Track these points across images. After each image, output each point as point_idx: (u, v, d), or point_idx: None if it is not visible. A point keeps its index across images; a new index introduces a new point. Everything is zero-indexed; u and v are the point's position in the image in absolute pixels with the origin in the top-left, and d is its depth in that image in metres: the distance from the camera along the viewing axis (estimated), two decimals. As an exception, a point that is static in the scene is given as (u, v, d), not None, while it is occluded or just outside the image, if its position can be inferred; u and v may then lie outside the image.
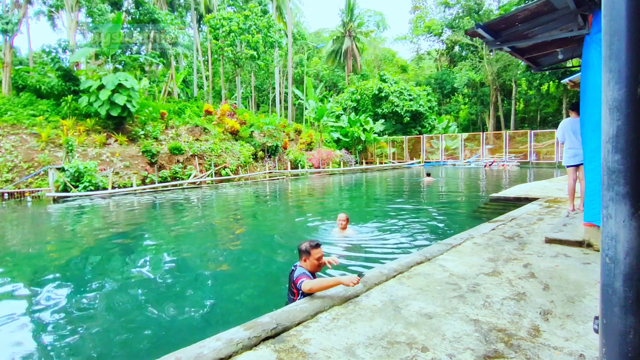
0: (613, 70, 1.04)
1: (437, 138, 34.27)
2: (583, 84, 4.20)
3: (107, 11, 22.00)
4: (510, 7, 36.17)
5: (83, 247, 6.60)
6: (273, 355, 2.01)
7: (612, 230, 1.05)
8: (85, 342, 3.05)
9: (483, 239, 4.62)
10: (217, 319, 3.50)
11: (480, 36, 4.43)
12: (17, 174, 14.37)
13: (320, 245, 3.05)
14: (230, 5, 32.66)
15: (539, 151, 29.21)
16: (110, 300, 4.01)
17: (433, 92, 41.65)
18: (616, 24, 1.02)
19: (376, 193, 14.84)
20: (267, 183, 19.32)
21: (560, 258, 3.72)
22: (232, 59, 27.74)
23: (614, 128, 1.04)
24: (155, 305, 3.86)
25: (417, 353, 2.01)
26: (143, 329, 3.34)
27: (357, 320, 2.41)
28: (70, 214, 10.29)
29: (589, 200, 4.00)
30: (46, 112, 17.49)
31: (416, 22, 49.72)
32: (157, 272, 4.93)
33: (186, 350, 2.02)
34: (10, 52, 19.73)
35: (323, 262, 3.03)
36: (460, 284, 3.05)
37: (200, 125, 21.29)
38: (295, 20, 41.78)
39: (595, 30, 3.77)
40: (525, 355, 1.96)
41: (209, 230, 7.94)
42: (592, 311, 2.48)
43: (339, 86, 47.83)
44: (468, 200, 11.52)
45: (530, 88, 43.42)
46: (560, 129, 5.70)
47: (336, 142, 31.28)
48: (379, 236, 6.22)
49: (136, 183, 15.65)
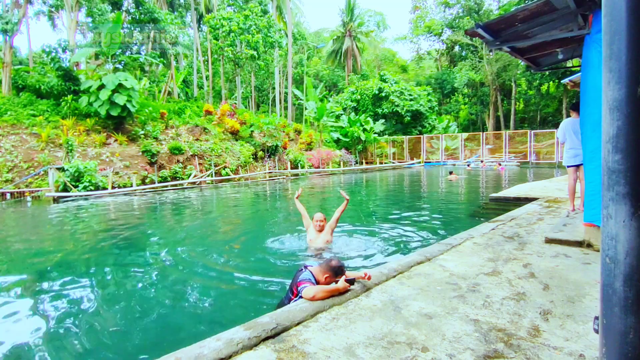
0: (613, 70, 1.04)
1: (437, 138, 34.28)
2: (583, 84, 4.20)
3: (107, 11, 21.98)
4: (510, 7, 36.16)
5: (82, 247, 6.59)
6: (273, 355, 2.01)
7: (612, 230, 1.05)
8: (85, 342, 3.05)
9: (483, 239, 4.62)
10: (217, 319, 3.50)
11: (480, 36, 4.43)
12: (17, 174, 14.37)
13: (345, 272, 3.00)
14: (230, 5, 32.65)
15: (539, 151, 29.22)
16: (110, 300, 4.01)
17: (433, 92, 41.65)
18: (616, 24, 1.02)
19: (393, 193, 14.85)
20: (267, 183, 19.32)
21: (560, 258, 3.72)
22: (232, 59, 27.73)
23: (614, 128, 1.04)
24: (155, 305, 3.86)
25: (417, 353, 2.01)
26: (143, 328, 3.34)
27: (357, 320, 2.41)
28: (70, 214, 10.29)
29: (589, 200, 4.00)
30: (46, 112, 17.48)
31: (416, 22, 49.74)
32: (157, 272, 4.93)
33: (186, 350, 2.02)
34: (10, 52, 19.72)
35: (347, 286, 2.91)
36: (460, 284, 3.05)
37: (200, 125, 21.29)
38: (295, 20, 41.77)
39: (596, 30, 3.77)
40: (525, 355, 1.96)
41: (209, 230, 7.94)
42: (592, 311, 2.48)
43: (339, 86, 47.82)
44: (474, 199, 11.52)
45: (530, 88, 43.43)
46: (561, 129, 5.70)
47: (336, 142, 31.28)
48: (359, 239, 5.90)
49: (136, 183, 15.65)
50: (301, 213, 5.55)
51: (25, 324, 3.43)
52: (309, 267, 3.06)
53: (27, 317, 3.60)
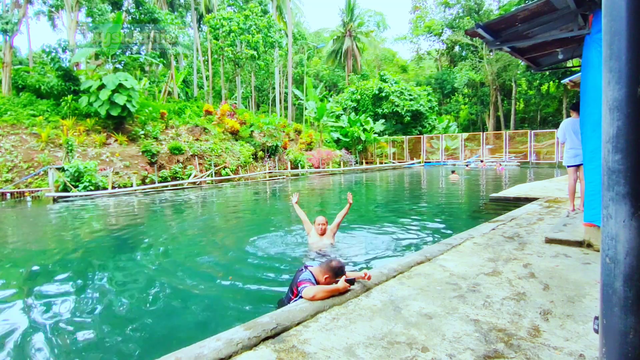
0: (613, 70, 1.04)
1: (437, 138, 34.28)
2: (583, 84, 4.20)
3: (107, 11, 21.99)
4: (510, 7, 36.17)
5: (82, 247, 6.59)
6: (273, 355, 2.01)
7: (612, 230, 1.05)
8: (85, 342, 3.05)
9: (483, 239, 4.62)
10: (216, 319, 3.50)
11: (480, 36, 4.43)
12: (17, 174, 14.37)
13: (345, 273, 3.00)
14: (230, 5, 32.66)
15: (539, 151, 29.23)
16: (110, 300, 4.01)
17: (433, 92, 41.66)
18: (616, 24, 1.02)
19: (396, 191, 14.85)
20: (267, 183, 19.32)
21: (560, 258, 3.72)
22: (232, 59, 27.74)
23: (614, 128, 1.04)
24: (155, 305, 3.86)
25: (417, 353, 2.01)
26: (143, 328, 3.34)
27: (357, 320, 2.41)
28: (69, 214, 10.29)
29: (589, 200, 4.00)
30: (46, 112, 17.49)
31: (416, 22, 49.73)
32: (156, 272, 4.93)
33: (186, 350, 2.02)
34: (10, 52, 19.73)
35: (347, 286, 2.91)
36: (460, 284, 3.05)
37: (200, 125, 21.30)
38: (296, 20, 41.79)
39: (596, 30, 3.77)
40: (525, 355, 1.96)
41: (209, 230, 7.94)
42: (592, 311, 2.48)
43: (339, 86, 47.83)
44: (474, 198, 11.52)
45: (530, 88, 43.44)
46: (561, 129, 5.70)
47: (336, 142, 31.28)
48: (362, 240, 5.86)
49: (136, 183, 15.65)
50: (301, 219, 5.51)
51: (25, 324, 3.43)
52: (309, 267, 3.06)
53: (26, 317, 3.60)
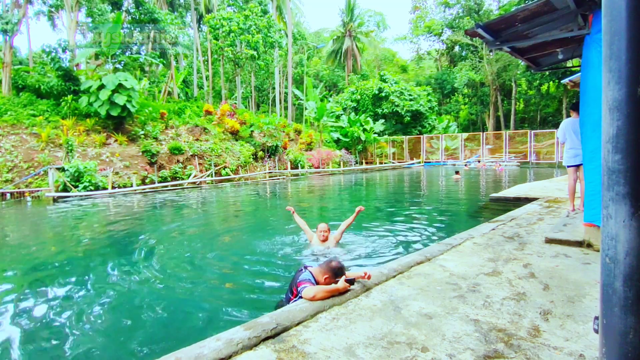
0: (613, 70, 1.04)
1: (437, 138, 34.29)
2: (583, 84, 4.20)
3: (107, 11, 21.99)
4: (510, 7, 36.17)
5: (82, 247, 6.59)
6: (273, 355, 2.01)
7: (612, 230, 1.05)
8: (85, 342, 3.05)
9: (483, 239, 4.62)
10: (216, 319, 3.50)
11: (480, 36, 4.43)
12: (17, 174, 14.37)
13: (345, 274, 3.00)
14: (230, 5, 32.65)
15: (539, 151, 29.24)
16: (110, 300, 4.01)
17: (433, 92, 41.67)
18: (616, 24, 1.02)
19: (396, 191, 14.84)
20: (267, 183, 19.32)
21: (560, 258, 3.72)
22: (232, 59, 27.74)
23: (614, 128, 1.04)
24: (155, 305, 3.86)
25: (417, 353, 2.01)
26: (143, 328, 3.34)
27: (357, 320, 2.41)
28: (69, 214, 10.29)
29: (589, 200, 4.00)
30: (46, 112, 17.49)
31: (416, 22, 49.73)
32: (156, 272, 4.93)
33: (186, 350, 2.02)
34: (10, 52, 19.72)
35: (347, 286, 2.91)
36: (460, 284, 3.05)
37: (200, 125, 21.30)
38: (295, 20, 41.78)
39: (596, 30, 3.77)
40: (525, 355, 1.96)
41: (208, 230, 7.94)
42: (592, 311, 2.48)
43: (339, 86, 47.82)
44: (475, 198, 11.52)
45: (530, 88, 43.44)
46: (561, 128, 5.70)
47: (336, 142, 31.28)
48: (367, 245, 5.75)
49: (136, 183, 15.65)
50: (302, 228, 5.48)
51: (24, 324, 3.43)
52: (308, 267, 3.06)
53: (25, 317, 3.60)
